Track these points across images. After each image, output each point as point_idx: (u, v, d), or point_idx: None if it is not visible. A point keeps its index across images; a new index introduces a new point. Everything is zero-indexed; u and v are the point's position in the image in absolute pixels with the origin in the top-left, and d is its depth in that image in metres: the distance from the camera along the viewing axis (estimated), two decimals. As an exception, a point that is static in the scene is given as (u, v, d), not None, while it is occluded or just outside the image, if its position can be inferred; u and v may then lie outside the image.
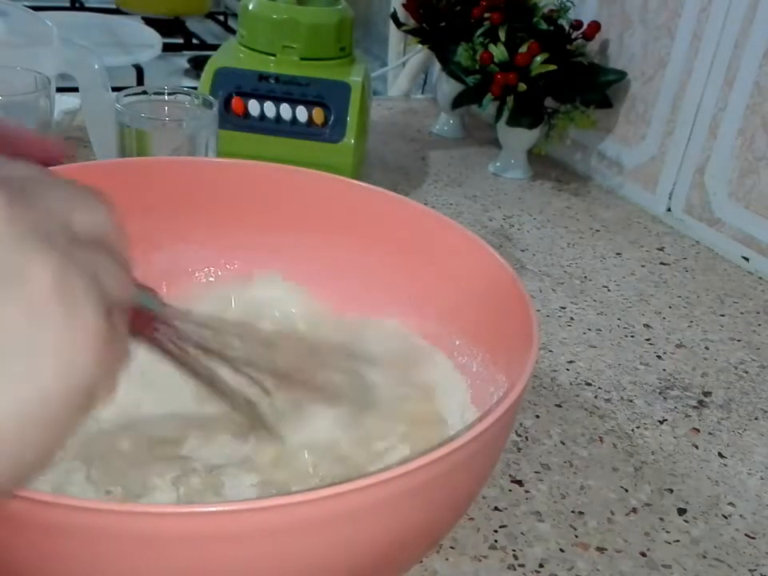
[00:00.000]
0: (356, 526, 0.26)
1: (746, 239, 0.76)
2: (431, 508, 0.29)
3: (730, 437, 0.52)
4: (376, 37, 1.45)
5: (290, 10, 0.73)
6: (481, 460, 0.31)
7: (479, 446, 0.28)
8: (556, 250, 0.76)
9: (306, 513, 0.24)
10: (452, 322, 0.44)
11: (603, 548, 0.41)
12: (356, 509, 0.25)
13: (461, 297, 0.43)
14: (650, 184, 0.87)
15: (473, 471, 0.30)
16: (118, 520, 0.23)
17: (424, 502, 0.28)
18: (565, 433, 0.50)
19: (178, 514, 0.23)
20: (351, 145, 0.72)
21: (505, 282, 0.39)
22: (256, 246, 0.49)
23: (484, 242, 0.42)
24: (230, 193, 0.48)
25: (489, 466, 0.33)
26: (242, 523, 0.24)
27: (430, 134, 1.03)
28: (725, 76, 0.77)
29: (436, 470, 0.26)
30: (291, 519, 0.24)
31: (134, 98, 0.57)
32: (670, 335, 0.63)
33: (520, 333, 0.35)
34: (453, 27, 0.91)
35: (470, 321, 0.43)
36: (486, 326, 0.41)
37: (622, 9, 0.87)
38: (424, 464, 0.25)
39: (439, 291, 0.45)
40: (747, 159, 0.75)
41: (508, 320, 0.38)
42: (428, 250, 0.45)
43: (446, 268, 0.44)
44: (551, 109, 0.85)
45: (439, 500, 0.29)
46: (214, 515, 0.23)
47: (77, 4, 1.64)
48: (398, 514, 0.27)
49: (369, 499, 0.25)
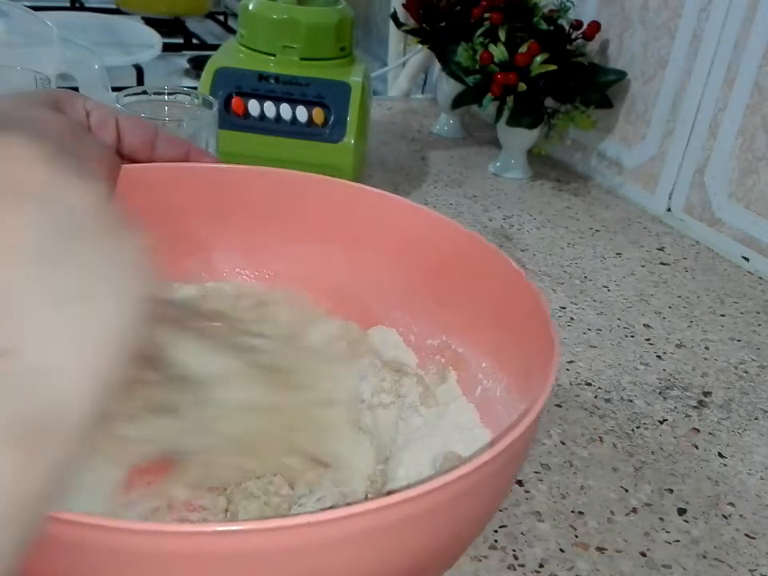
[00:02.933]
0: (390, 540, 0.26)
1: (745, 239, 0.76)
2: (462, 519, 0.28)
3: (729, 437, 0.52)
4: (376, 37, 1.45)
5: (289, 9, 0.73)
6: (511, 467, 0.30)
7: (515, 450, 0.28)
8: (556, 249, 0.76)
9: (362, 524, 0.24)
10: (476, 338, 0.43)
11: (603, 548, 0.41)
12: (402, 518, 0.25)
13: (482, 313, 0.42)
14: (649, 184, 0.87)
15: (501, 481, 0.30)
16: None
17: (456, 514, 0.27)
18: (565, 433, 0.50)
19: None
20: (351, 145, 0.72)
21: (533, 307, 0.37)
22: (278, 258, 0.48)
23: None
24: (253, 200, 0.47)
25: (513, 475, 0.33)
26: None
27: (429, 134, 1.03)
28: (725, 76, 0.77)
29: (476, 478, 0.26)
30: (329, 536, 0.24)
31: (134, 98, 0.57)
32: (669, 335, 0.63)
33: (539, 349, 0.34)
34: (453, 27, 0.91)
35: (492, 337, 0.42)
36: (504, 342, 0.40)
37: (621, 9, 0.87)
38: (459, 475, 0.25)
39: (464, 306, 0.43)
40: (747, 159, 0.75)
41: (526, 339, 0.36)
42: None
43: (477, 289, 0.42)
44: (551, 109, 0.85)
45: (471, 509, 0.28)
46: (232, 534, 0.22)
47: (77, 4, 1.64)
48: (432, 527, 0.27)
49: (408, 512, 0.25)
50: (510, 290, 0.39)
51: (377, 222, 0.46)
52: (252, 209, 0.47)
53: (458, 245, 0.43)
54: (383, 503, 0.24)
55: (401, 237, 0.45)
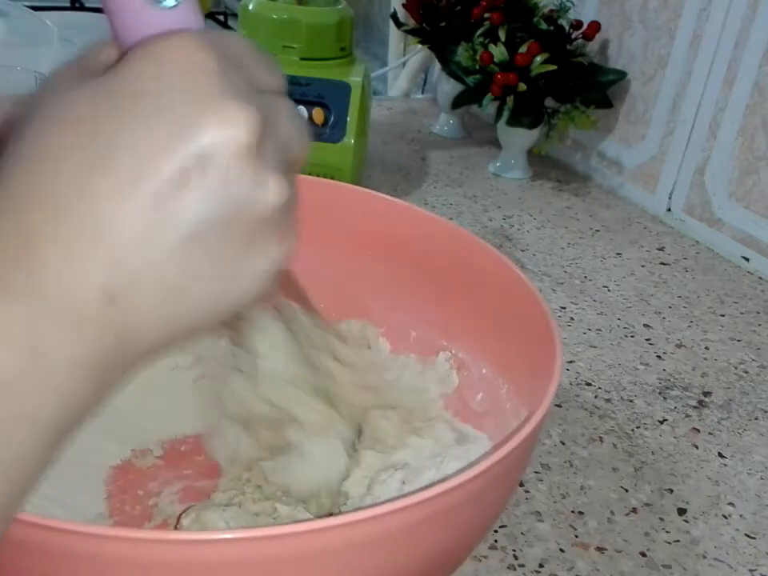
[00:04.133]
0: (397, 546, 0.26)
1: (745, 239, 0.76)
2: (466, 524, 0.28)
3: (730, 437, 0.52)
4: (376, 37, 1.45)
5: (289, 9, 0.73)
6: (517, 469, 0.30)
7: (521, 452, 0.28)
8: (556, 249, 0.76)
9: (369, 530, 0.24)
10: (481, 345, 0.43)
11: (603, 548, 0.41)
12: (414, 522, 0.25)
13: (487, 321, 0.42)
14: (649, 184, 0.87)
15: (508, 484, 0.30)
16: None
17: (461, 519, 0.27)
18: (565, 433, 0.50)
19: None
20: (351, 145, 0.72)
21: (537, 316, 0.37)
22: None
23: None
24: None
25: (517, 479, 0.33)
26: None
27: (430, 134, 1.03)
28: (725, 76, 0.76)
29: (484, 482, 0.26)
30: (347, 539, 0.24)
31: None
32: (670, 335, 0.63)
33: (544, 366, 0.34)
34: (453, 27, 0.91)
35: (496, 345, 0.42)
36: (508, 348, 0.40)
37: (621, 9, 0.87)
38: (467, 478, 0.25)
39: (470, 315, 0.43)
40: (747, 159, 0.75)
41: (532, 346, 0.37)
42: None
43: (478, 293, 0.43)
44: (551, 109, 0.85)
45: (476, 514, 0.28)
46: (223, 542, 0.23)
47: (77, 4, 1.64)
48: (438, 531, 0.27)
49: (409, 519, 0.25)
50: (511, 295, 0.39)
51: (379, 225, 0.46)
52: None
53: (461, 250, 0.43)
54: (387, 509, 0.24)
55: (401, 240, 0.45)
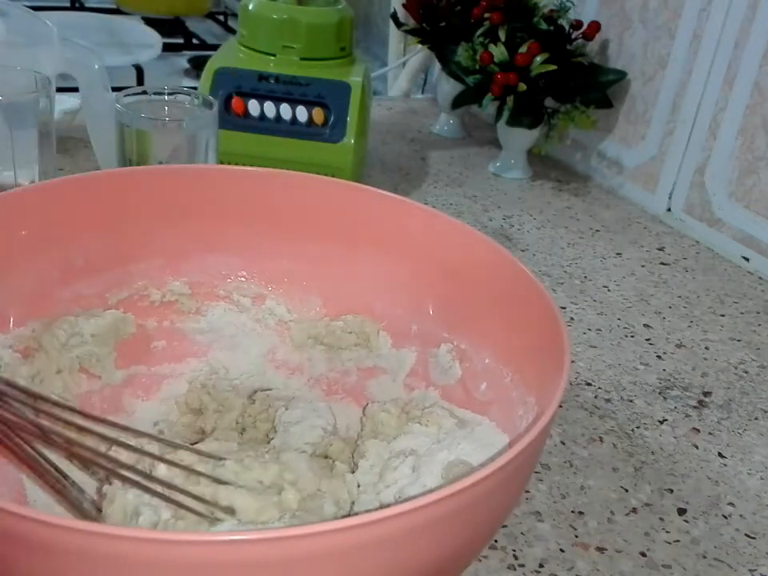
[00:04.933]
0: (404, 549, 0.26)
1: (745, 239, 0.76)
2: (473, 527, 0.28)
3: (730, 437, 0.52)
4: (376, 37, 1.45)
5: (289, 9, 0.73)
6: (526, 470, 0.30)
7: (529, 454, 0.28)
8: (556, 249, 0.76)
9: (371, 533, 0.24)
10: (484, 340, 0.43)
11: (603, 548, 0.41)
12: (421, 525, 0.25)
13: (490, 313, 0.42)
14: (649, 184, 0.87)
15: (514, 487, 0.30)
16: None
17: (466, 522, 0.27)
18: (565, 433, 0.50)
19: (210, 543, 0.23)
20: (351, 145, 0.72)
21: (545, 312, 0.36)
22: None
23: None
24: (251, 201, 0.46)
25: (525, 480, 0.33)
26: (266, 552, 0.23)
27: (430, 134, 1.03)
28: (725, 76, 0.76)
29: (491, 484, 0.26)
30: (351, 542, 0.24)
31: (134, 98, 0.57)
32: (670, 335, 0.63)
33: (551, 355, 0.34)
34: (453, 27, 0.91)
35: (502, 340, 0.41)
36: (512, 338, 0.40)
37: (621, 9, 0.87)
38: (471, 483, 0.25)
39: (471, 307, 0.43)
40: (747, 159, 0.75)
41: (540, 345, 0.36)
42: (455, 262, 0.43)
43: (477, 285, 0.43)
44: (551, 109, 0.85)
45: (480, 518, 0.28)
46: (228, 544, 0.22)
47: (77, 4, 1.64)
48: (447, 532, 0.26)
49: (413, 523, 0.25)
50: (517, 289, 0.39)
51: (380, 223, 0.46)
52: (252, 210, 0.47)
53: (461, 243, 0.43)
54: (395, 511, 0.23)
55: (404, 238, 0.45)
